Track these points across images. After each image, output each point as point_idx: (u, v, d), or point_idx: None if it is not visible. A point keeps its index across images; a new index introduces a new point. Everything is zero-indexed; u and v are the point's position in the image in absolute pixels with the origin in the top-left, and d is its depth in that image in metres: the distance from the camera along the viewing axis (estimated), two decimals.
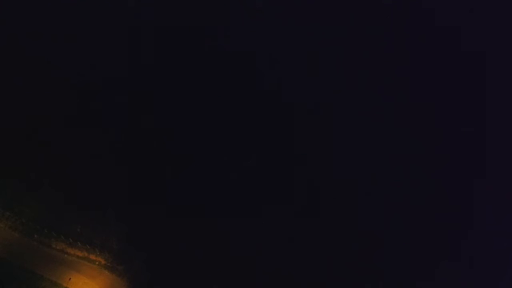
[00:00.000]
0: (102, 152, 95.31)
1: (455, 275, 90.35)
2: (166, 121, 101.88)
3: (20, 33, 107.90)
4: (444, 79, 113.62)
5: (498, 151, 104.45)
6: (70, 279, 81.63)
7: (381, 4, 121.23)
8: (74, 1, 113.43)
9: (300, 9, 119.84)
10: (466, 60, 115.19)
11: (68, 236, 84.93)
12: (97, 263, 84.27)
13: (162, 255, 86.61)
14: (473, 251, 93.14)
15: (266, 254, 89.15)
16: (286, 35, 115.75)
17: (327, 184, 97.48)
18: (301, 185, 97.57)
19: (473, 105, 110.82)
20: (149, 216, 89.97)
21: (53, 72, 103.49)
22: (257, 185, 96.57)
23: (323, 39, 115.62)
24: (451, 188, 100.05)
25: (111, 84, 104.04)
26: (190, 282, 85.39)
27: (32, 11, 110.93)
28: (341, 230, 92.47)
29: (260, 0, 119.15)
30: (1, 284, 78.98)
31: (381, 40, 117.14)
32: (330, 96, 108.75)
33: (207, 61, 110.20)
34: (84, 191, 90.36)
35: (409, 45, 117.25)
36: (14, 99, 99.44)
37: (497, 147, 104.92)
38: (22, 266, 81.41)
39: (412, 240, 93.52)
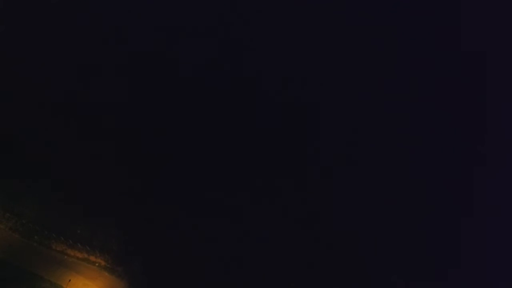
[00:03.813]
0: (102, 154, 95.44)
1: (454, 275, 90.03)
2: (167, 123, 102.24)
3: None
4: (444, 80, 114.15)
5: (499, 152, 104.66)
6: (69, 280, 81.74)
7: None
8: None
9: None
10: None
11: (68, 238, 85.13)
12: (96, 264, 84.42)
13: (162, 257, 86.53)
14: (472, 251, 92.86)
15: (265, 258, 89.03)
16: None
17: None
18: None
19: (474, 104, 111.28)
20: (148, 217, 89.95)
21: (52, 74, 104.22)
22: (258, 189, 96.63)
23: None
24: (450, 187, 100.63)
25: (112, 85, 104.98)
26: (189, 284, 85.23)
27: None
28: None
29: None
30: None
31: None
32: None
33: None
34: (84, 193, 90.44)
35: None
36: (14, 99, 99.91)
37: (498, 148, 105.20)
38: (22, 267, 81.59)
39: (411, 240, 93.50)
